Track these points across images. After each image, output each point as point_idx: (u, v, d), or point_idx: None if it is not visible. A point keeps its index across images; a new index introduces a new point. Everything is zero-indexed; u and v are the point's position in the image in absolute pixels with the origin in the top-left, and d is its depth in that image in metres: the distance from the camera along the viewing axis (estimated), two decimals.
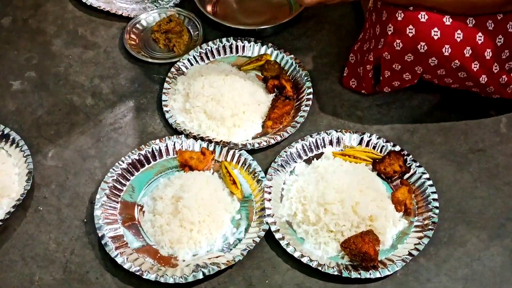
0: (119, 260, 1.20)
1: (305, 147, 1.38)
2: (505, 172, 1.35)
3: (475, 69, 1.32)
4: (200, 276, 1.17)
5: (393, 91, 1.43)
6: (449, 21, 1.29)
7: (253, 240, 1.23)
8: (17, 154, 1.38)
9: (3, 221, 1.26)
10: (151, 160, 1.38)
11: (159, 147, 1.38)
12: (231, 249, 1.24)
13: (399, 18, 1.31)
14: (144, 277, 1.17)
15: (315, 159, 1.37)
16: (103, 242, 1.22)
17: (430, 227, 1.22)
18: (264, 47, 1.59)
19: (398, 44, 1.33)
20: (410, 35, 1.30)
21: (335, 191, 1.24)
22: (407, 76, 1.38)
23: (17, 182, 1.34)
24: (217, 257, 1.22)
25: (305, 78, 1.51)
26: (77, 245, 1.26)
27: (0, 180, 1.32)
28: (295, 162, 1.37)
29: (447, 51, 1.29)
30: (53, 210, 1.32)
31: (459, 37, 1.29)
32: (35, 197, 1.34)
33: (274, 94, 1.51)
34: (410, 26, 1.30)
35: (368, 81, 1.46)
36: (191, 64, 1.57)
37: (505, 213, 1.29)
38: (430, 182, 1.29)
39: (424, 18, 1.29)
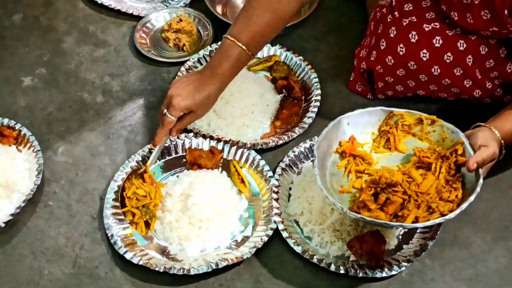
0: (128, 256, 1.21)
1: (313, 148, 1.39)
2: (510, 176, 1.37)
3: (467, 86, 1.35)
4: (209, 269, 1.19)
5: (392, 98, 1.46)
6: (439, 43, 1.32)
7: (261, 238, 1.25)
8: (28, 150, 1.40)
9: (14, 216, 1.28)
10: (160, 157, 1.39)
11: (168, 145, 1.40)
12: (239, 247, 1.25)
13: (392, 35, 1.35)
14: (152, 268, 1.19)
15: None
16: (112, 241, 1.24)
17: (435, 228, 1.24)
18: (273, 48, 1.61)
19: (389, 60, 1.36)
20: (401, 53, 1.34)
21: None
22: (400, 88, 1.43)
23: (27, 177, 1.36)
24: (225, 254, 1.24)
25: (314, 79, 1.53)
26: (87, 240, 1.28)
27: (10, 175, 1.34)
28: (303, 162, 1.38)
29: (436, 71, 1.33)
30: (63, 205, 1.33)
31: (449, 59, 1.32)
32: (45, 192, 1.35)
33: (283, 95, 1.53)
34: (401, 45, 1.34)
35: (366, 86, 1.49)
36: (201, 64, 1.59)
37: (510, 216, 1.31)
38: None
39: (415, 38, 1.33)
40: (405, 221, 1.10)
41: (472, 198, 1.11)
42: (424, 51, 1.32)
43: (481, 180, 1.13)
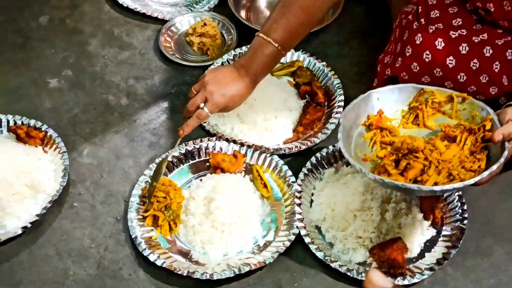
0: (152, 258, 1.23)
1: (336, 153, 1.40)
2: None
3: (493, 93, 1.34)
4: (231, 274, 1.20)
5: None
6: (465, 50, 1.31)
7: (283, 244, 1.25)
8: (53, 151, 1.42)
9: (40, 216, 1.30)
10: (184, 161, 1.41)
11: (192, 148, 1.41)
12: (261, 252, 1.26)
13: (417, 42, 1.34)
14: (176, 272, 1.20)
15: (344, 166, 1.39)
16: (136, 242, 1.25)
17: (458, 236, 1.24)
18: (297, 53, 1.61)
19: (415, 67, 1.36)
20: (427, 60, 1.33)
21: (364, 198, 1.26)
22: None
23: (53, 178, 1.38)
24: (247, 258, 1.24)
25: (337, 85, 1.53)
26: (111, 242, 1.29)
27: (36, 176, 1.36)
28: (325, 168, 1.39)
29: (462, 79, 1.32)
30: (88, 206, 1.35)
31: (475, 66, 1.31)
32: (70, 193, 1.37)
33: (306, 100, 1.53)
34: (427, 52, 1.33)
35: None
36: None
37: None
38: (459, 192, 1.30)
39: (441, 45, 1.32)
40: (424, 185, 1.10)
41: (494, 167, 1.08)
42: (451, 58, 1.31)
43: (506, 152, 1.10)
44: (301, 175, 1.36)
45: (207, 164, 1.41)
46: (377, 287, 0.68)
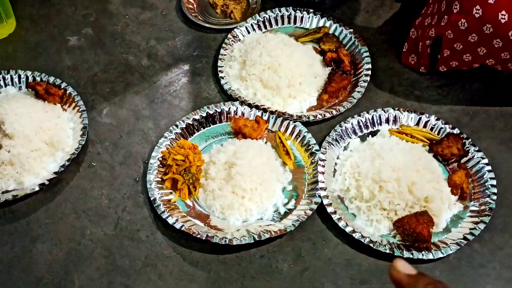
0: (170, 220, 1.20)
1: (361, 123, 1.36)
2: None
3: None
4: (251, 240, 1.17)
5: (450, 71, 1.40)
6: None
7: (304, 212, 1.22)
8: (72, 110, 1.39)
9: (58, 174, 1.27)
10: (204, 125, 1.37)
11: (213, 112, 1.38)
12: (281, 220, 1.23)
13: None
14: (194, 236, 1.17)
15: (370, 136, 1.35)
16: (155, 205, 1.23)
17: (486, 212, 1.20)
18: (323, 19, 1.56)
19: (463, 24, 1.29)
20: (477, 15, 1.26)
21: (391, 169, 1.22)
22: (467, 57, 1.35)
23: (71, 137, 1.36)
24: (267, 225, 1.22)
25: (364, 53, 1.48)
26: (129, 203, 1.27)
27: (55, 133, 1.33)
28: (350, 137, 1.35)
29: None
30: (107, 166, 1.33)
31: None
32: (89, 153, 1.35)
33: (331, 68, 1.49)
34: (478, 7, 1.26)
35: (426, 58, 1.43)
36: (248, 32, 1.56)
37: None
38: (489, 167, 1.26)
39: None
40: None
41: None
42: (503, 12, 1.24)
43: None
44: (325, 144, 1.32)
45: (228, 128, 1.37)
46: (403, 274, 0.67)
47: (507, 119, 1.38)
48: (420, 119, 1.36)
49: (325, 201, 1.23)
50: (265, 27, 1.57)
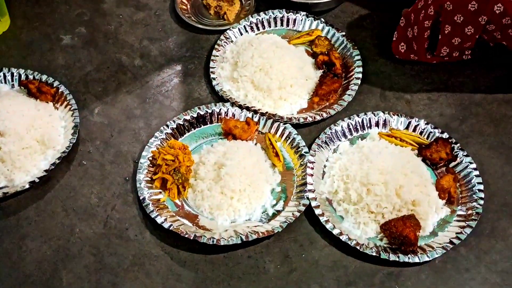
0: (159, 220, 1.21)
1: (351, 126, 1.37)
2: None
3: None
4: (238, 241, 1.18)
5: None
6: None
7: (292, 214, 1.23)
8: (64, 108, 1.40)
9: (48, 172, 1.28)
10: (195, 125, 1.38)
11: (204, 113, 1.38)
12: (269, 221, 1.24)
13: None
14: (182, 235, 1.18)
15: (359, 139, 1.36)
16: (144, 204, 1.23)
17: (473, 217, 1.21)
18: (316, 22, 1.57)
19: None
20: None
21: (380, 172, 1.23)
22: (469, 30, 1.33)
23: (62, 135, 1.36)
24: (255, 226, 1.22)
25: (356, 57, 1.49)
26: (118, 202, 1.27)
27: (46, 131, 1.34)
28: (340, 140, 1.36)
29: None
30: (97, 165, 1.33)
31: None
32: (80, 151, 1.35)
33: (323, 70, 1.49)
34: None
35: (422, 42, 1.42)
36: (241, 34, 1.56)
37: None
38: (477, 172, 1.27)
39: None
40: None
41: None
42: None
43: None
44: (314, 146, 1.33)
45: (218, 129, 1.38)
46: None
47: (496, 124, 1.39)
48: (409, 123, 1.36)
49: (313, 203, 1.24)
50: (258, 29, 1.58)
